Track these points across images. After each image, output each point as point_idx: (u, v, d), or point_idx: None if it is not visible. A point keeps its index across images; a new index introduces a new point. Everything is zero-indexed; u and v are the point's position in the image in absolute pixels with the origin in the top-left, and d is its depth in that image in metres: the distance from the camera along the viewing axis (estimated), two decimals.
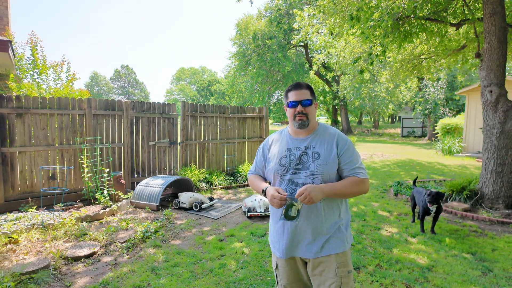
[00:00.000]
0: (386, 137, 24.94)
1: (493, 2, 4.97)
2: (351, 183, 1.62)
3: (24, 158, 5.20)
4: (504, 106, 5.04)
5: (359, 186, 1.63)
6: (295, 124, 1.72)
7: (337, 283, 1.63)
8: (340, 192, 1.61)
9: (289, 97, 1.73)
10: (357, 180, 1.63)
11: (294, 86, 1.73)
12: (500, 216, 4.80)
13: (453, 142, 12.80)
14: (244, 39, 25.56)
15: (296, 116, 1.70)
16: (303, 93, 1.70)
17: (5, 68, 6.76)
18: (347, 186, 1.61)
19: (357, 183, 1.62)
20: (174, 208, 5.34)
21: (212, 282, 2.96)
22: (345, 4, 6.07)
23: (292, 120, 1.73)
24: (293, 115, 1.71)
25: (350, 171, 1.65)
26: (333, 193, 1.60)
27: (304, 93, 1.70)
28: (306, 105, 1.69)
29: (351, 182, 1.63)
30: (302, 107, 1.68)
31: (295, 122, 1.71)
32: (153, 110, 6.68)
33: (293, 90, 1.72)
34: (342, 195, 1.63)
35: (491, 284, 2.92)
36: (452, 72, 17.98)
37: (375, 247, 3.75)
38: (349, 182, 1.63)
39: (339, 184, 1.63)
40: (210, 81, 61.10)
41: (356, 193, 1.65)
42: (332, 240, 1.66)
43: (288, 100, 1.73)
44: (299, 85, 1.73)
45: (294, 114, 1.71)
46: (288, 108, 1.74)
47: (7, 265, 3.14)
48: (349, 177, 1.65)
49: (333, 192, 1.59)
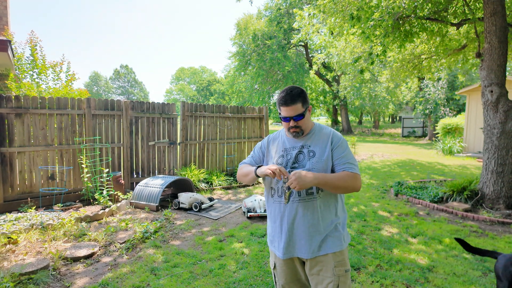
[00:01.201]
0: (387, 137, 24.93)
1: (494, 2, 4.96)
2: (343, 176, 1.62)
3: (23, 158, 5.18)
4: (505, 106, 5.03)
5: (351, 180, 1.62)
6: (289, 135, 1.77)
7: (335, 282, 1.64)
8: (332, 182, 1.60)
9: (281, 112, 1.70)
10: (349, 174, 1.63)
11: (284, 101, 1.64)
12: (501, 216, 4.79)
13: (454, 142, 12.79)
14: (244, 39, 25.56)
15: (290, 129, 1.73)
16: (294, 109, 1.64)
17: (5, 68, 6.75)
18: (340, 178, 1.61)
19: (349, 177, 1.62)
20: (173, 209, 5.33)
21: (212, 282, 2.95)
22: (345, 3, 6.06)
23: (287, 131, 1.77)
24: (287, 128, 1.74)
25: (342, 165, 1.66)
26: (325, 181, 1.58)
27: (295, 109, 1.64)
28: (298, 120, 1.68)
29: (343, 175, 1.63)
30: (294, 122, 1.69)
31: (290, 133, 1.75)
32: (152, 110, 6.67)
33: (284, 106, 1.65)
34: (333, 187, 1.61)
35: (491, 284, 2.90)
36: (453, 72, 17.96)
37: (376, 248, 3.74)
38: (341, 175, 1.63)
39: (331, 175, 1.64)
40: (210, 81, 61.10)
41: (347, 188, 1.63)
42: (329, 239, 1.67)
43: (281, 115, 1.73)
44: (289, 99, 1.63)
45: (287, 127, 1.74)
46: (282, 120, 1.76)
47: (6, 265, 3.13)
48: (341, 171, 1.65)
49: (325, 181, 1.58)
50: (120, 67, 63.94)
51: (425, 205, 5.57)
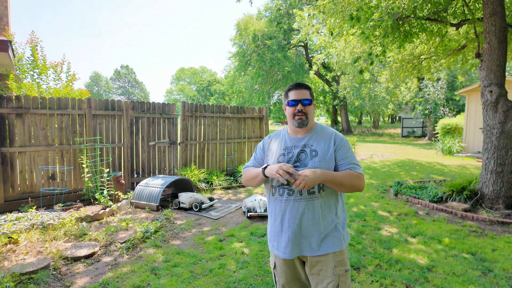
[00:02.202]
0: (386, 137, 24.94)
1: (493, 2, 4.97)
2: (349, 175, 1.65)
3: (24, 158, 5.19)
4: (504, 106, 5.04)
5: (356, 180, 1.65)
6: (294, 123, 1.76)
7: (335, 282, 1.64)
8: (338, 180, 1.62)
9: (289, 96, 1.77)
10: (354, 173, 1.66)
11: (294, 86, 1.78)
12: (500, 216, 4.80)
13: (453, 142, 12.80)
14: (244, 39, 25.56)
15: (296, 115, 1.74)
16: (303, 93, 1.75)
17: (5, 68, 6.76)
18: (345, 176, 1.64)
19: (354, 176, 1.65)
20: (174, 208, 5.34)
21: (212, 282, 2.96)
22: (345, 4, 6.07)
23: (292, 119, 1.77)
24: (293, 114, 1.76)
25: (347, 165, 1.69)
26: (333, 178, 1.61)
27: (304, 93, 1.76)
28: (306, 104, 1.75)
29: (349, 174, 1.65)
30: (302, 106, 1.73)
31: (294, 121, 1.75)
32: (153, 110, 6.68)
33: (294, 89, 1.76)
34: (339, 184, 1.63)
35: (491, 284, 2.92)
36: (452, 72, 17.99)
37: (375, 247, 3.75)
38: (347, 174, 1.65)
39: (338, 172, 1.67)
40: (210, 81, 61.09)
41: (352, 187, 1.66)
42: (329, 239, 1.68)
43: (288, 99, 1.78)
44: (299, 85, 1.78)
45: (293, 113, 1.75)
46: (288, 107, 1.79)
47: (7, 265, 3.14)
48: (346, 170, 1.68)
49: (333, 178, 1.61)
50: (121, 67, 63.92)
51: (424, 205, 5.58)
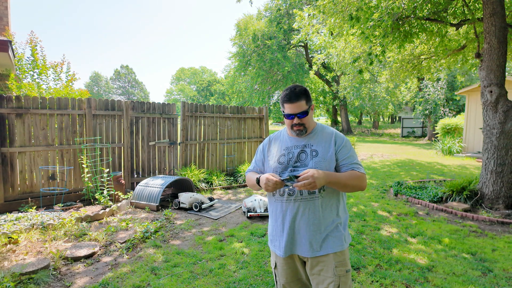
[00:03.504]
0: (386, 137, 24.94)
1: (493, 2, 4.97)
2: (352, 175, 1.65)
3: (24, 158, 5.19)
4: (504, 106, 5.04)
5: (359, 180, 1.65)
6: (293, 133, 1.76)
7: (336, 283, 1.64)
8: (342, 181, 1.62)
9: (285, 109, 1.70)
10: (357, 174, 1.65)
11: (288, 98, 1.66)
12: (500, 216, 4.80)
13: (453, 142, 12.80)
14: (244, 39, 25.55)
15: (294, 127, 1.72)
16: (299, 106, 1.66)
17: (5, 68, 6.76)
18: (348, 177, 1.64)
19: (357, 176, 1.65)
20: (174, 208, 5.34)
21: (212, 282, 2.96)
22: (345, 4, 6.07)
23: (290, 129, 1.76)
24: (290, 126, 1.73)
25: (349, 165, 1.68)
26: (336, 179, 1.60)
27: (300, 105, 1.65)
28: (302, 117, 1.69)
29: (352, 174, 1.65)
30: (298, 119, 1.69)
31: (293, 131, 1.74)
32: (153, 110, 6.68)
33: (288, 102, 1.66)
34: (343, 185, 1.63)
35: (491, 284, 2.92)
36: (452, 72, 17.98)
37: (375, 247, 3.75)
38: (350, 174, 1.65)
39: (341, 173, 1.65)
40: (210, 81, 61.09)
41: (355, 187, 1.66)
42: (330, 239, 1.67)
43: (284, 112, 1.72)
44: (293, 96, 1.65)
45: (291, 125, 1.73)
46: (285, 118, 1.75)
47: (7, 265, 3.14)
48: (349, 171, 1.67)
49: (337, 179, 1.60)
50: (121, 68, 63.98)
51: (424, 205, 5.58)
